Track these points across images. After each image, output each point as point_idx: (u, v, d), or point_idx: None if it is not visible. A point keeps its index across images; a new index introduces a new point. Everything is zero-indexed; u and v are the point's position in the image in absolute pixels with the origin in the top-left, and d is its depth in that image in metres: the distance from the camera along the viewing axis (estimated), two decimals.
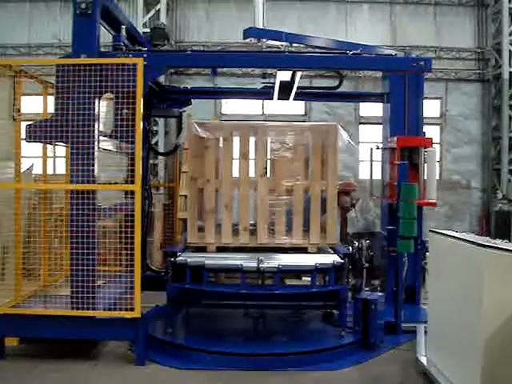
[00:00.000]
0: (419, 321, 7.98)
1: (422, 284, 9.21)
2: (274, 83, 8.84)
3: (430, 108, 15.13)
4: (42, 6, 16.03)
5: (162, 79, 11.18)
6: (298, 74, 8.07)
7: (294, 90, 8.80)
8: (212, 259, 7.65)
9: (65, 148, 7.62)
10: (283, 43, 8.45)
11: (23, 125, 7.13)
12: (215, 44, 15.66)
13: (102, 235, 7.36)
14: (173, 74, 15.61)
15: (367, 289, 8.87)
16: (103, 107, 7.35)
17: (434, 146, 9.18)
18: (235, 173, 8.33)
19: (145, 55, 7.19)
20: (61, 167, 8.21)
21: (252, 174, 8.32)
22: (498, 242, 5.38)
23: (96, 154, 6.87)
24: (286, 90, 8.78)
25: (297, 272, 8.92)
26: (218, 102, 15.67)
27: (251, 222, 8.39)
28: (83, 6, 6.85)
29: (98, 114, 6.96)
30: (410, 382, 6.54)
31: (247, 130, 8.36)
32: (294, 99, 12.64)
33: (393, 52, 8.64)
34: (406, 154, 8.96)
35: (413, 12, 16.06)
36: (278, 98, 9.41)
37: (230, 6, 15.83)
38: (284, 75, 8.08)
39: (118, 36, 7.56)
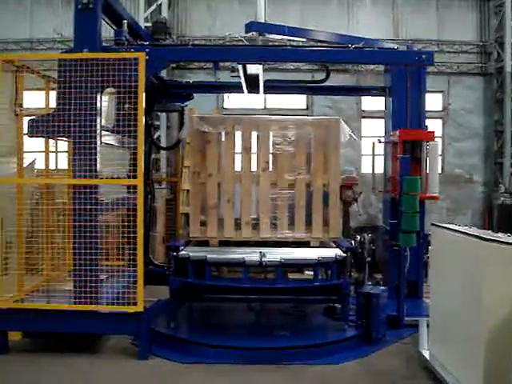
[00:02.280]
0: (421, 315, 7.97)
1: (424, 278, 9.22)
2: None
3: (432, 101, 15.08)
4: (43, 0, 16.00)
5: (163, 74, 11.16)
6: (261, 67, 8.02)
7: (262, 82, 8.76)
8: (214, 253, 7.66)
9: (67, 143, 7.64)
10: (285, 37, 8.44)
11: (25, 120, 7.14)
12: (217, 38, 15.62)
13: (104, 230, 7.37)
14: (175, 68, 15.58)
15: (369, 283, 8.89)
16: (105, 102, 7.35)
17: (436, 139, 9.16)
18: (237, 167, 8.33)
19: (147, 49, 7.18)
20: (63, 162, 8.21)
21: (254, 168, 8.32)
22: (501, 236, 5.38)
23: (98, 148, 6.88)
24: (253, 83, 8.74)
25: (299, 266, 8.94)
26: (220, 97, 15.63)
27: (253, 216, 8.39)
28: (85, 0, 6.84)
29: (100, 109, 6.97)
30: (412, 376, 6.53)
31: (249, 124, 8.36)
32: (297, 93, 12.68)
33: (395, 45, 8.63)
34: (408, 148, 8.94)
35: (415, 5, 16.00)
36: (248, 92, 9.39)
37: (232, 0, 15.80)
38: (251, 69, 8.03)
39: (119, 30, 7.55)
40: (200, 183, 8.31)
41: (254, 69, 7.98)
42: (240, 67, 7.96)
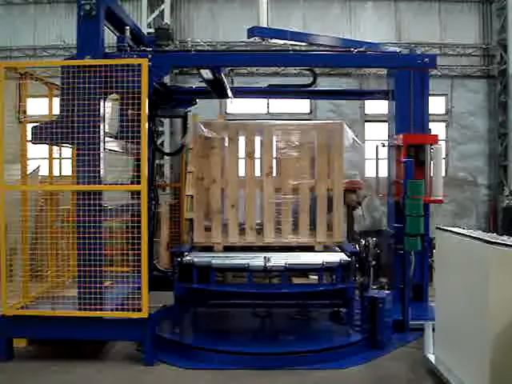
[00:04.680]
0: (427, 318, 7.96)
1: (429, 281, 9.20)
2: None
3: (436, 105, 15.07)
4: (46, 8, 16.06)
5: (167, 79, 11.18)
6: (209, 71, 7.96)
7: (227, 86, 8.74)
8: (219, 259, 7.66)
9: (71, 149, 7.65)
10: (288, 42, 8.44)
11: (29, 127, 7.15)
12: (220, 43, 15.65)
13: (108, 236, 7.37)
14: (177, 73, 15.60)
15: (374, 287, 8.87)
16: (108, 108, 7.36)
17: (439, 142, 9.16)
18: (241, 172, 8.34)
19: (149, 56, 7.18)
20: (67, 168, 8.23)
21: (258, 173, 8.32)
22: (505, 239, 5.36)
23: (102, 154, 6.89)
24: (219, 88, 8.73)
25: (304, 270, 8.92)
26: (223, 102, 15.64)
27: (257, 221, 8.39)
28: (87, 7, 6.86)
29: (104, 115, 6.98)
30: (418, 380, 6.51)
31: (253, 129, 8.37)
32: (299, 98, 12.66)
33: (397, 49, 8.63)
34: (411, 152, 8.95)
35: (417, 9, 16.00)
36: (218, 97, 9.37)
37: (235, 6, 15.83)
38: (206, 73, 7.98)
39: (122, 37, 7.56)
40: (204, 188, 8.32)
41: (205, 73, 7.94)
42: (201, 72, 7.92)
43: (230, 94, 9.13)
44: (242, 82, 14.37)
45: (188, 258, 7.55)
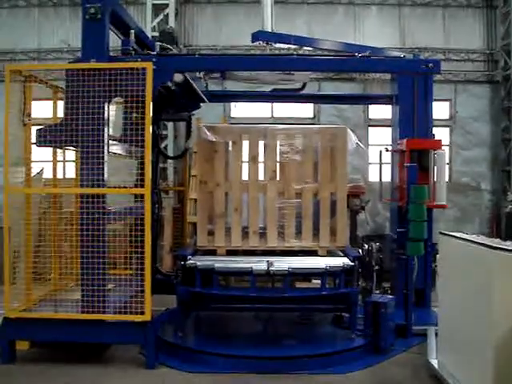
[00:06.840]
0: (430, 323, 7.95)
1: (432, 286, 9.18)
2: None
3: (439, 110, 15.04)
4: (50, 11, 16.07)
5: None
6: (180, 75, 7.94)
7: (198, 90, 8.72)
8: (222, 262, 7.66)
9: (75, 152, 7.66)
10: (292, 46, 8.45)
11: (33, 129, 7.17)
12: (224, 47, 15.67)
13: (112, 239, 7.38)
14: None
15: (377, 291, 8.85)
16: (113, 111, 7.37)
17: (443, 148, 9.16)
18: (244, 176, 8.34)
19: (154, 59, 7.21)
20: (71, 171, 8.24)
21: (261, 177, 8.32)
22: (509, 244, 5.36)
23: (106, 158, 6.90)
24: (191, 92, 8.70)
25: (307, 275, 8.91)
26: (226, 106, 15.65)
27: (261, 226, 8.39)
28: (92, 11, 6.88)
29: (108, 119, 6.99)
30: None
31: (256, 133, 8.36)
32: (303, 102, 12.66)
33: (401, 54, 8.65)
34: (415, 157, 8.94)
35: (421, 14, 15.98)
36: (192, 101, 9.36)
37: (239, 10, 15.82)
38: (176, 76, 7.96)
39: (126, 40, 7.58)
40: (207, 192, 8.31)
41: (177, 77, 7.93)
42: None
43: (203, 97, 9.10)
44: (246, 86, 14.43)
45: (191, 261, 7.55)
